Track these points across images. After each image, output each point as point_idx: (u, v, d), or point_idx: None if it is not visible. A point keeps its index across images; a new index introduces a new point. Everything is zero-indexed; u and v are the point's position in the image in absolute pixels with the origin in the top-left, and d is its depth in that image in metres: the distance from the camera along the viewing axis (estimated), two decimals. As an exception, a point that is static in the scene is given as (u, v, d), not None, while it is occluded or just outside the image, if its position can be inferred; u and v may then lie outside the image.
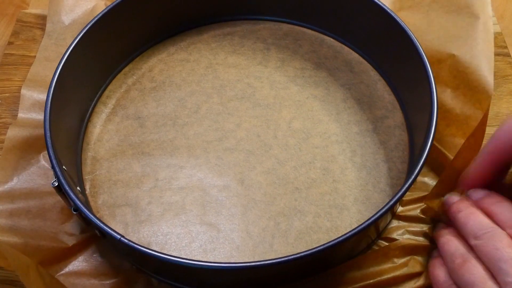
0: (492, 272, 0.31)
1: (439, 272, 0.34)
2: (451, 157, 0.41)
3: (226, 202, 0.40)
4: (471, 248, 0.33)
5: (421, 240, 0.39)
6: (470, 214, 0.33)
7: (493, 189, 0.35)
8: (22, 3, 0.55)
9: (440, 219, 0.39)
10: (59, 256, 0.38)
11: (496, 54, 0.49)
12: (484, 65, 0.41)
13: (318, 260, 0.35)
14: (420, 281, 0.37)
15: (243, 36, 0.50)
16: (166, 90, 0.46)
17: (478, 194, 0.35)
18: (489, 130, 0.44)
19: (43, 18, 0.52)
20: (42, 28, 0.51)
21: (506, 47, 0.49)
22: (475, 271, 0.31)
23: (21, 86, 0.46)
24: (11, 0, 0.55)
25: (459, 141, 0.41)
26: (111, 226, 0.34)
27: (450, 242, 0.34)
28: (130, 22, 0.46)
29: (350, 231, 0.31)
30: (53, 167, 0.35)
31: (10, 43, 0.51)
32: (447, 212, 0.36)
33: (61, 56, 0.40)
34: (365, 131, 0.43)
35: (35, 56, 0.48)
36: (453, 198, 0.36)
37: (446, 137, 0.42)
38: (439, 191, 0.39)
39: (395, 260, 0.38)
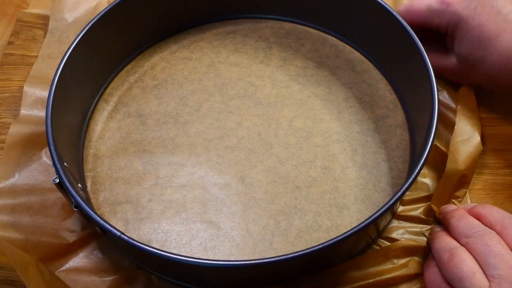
0: (482, 267, 0.32)
1: (431, 272, 0.35)
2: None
3: (227, 200, 0.40)
4: (461, 246, 0.34)
5: (421, 240, 0.39)
6: (462, 218, 0.36)
7: None
8: (22, 3, 0.55)
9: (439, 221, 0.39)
10: (59, 252, 0.38)
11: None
12: None
13: (318, 259, 0.35)
14: (420, 283, 0.37)
15: (245, 34, 0.50)
16: (168, 88, 0.47)
17: (470, 205, 0.38)
18: (489, 130, 0.45)
19: (43, 18, 0.52)
20: (42, 28, 0.52)
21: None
22: (464, 265, 0.32)
23: (21, 86, 0.46)
24: (11, 0, 0.55)
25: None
26: (111, 223, 0.34)
27: (440, 239, 0.36)
28: (132, 20, 0.46)
29: (350, 230, 0.31)
30: (54, 163, 0.35)
31: (10, 43, 0.51)
32: (443, 219, 0.38)
33: (64, 54, 0.40)
34: (366, 130, 0.43)
35: (35, 56, 0.49)
36: (449, 207, 0.38)
37: (448, 136, 0.42)
38: (443, 191, 0.39)
39: (395, 260, 0.38)
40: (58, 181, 0.34)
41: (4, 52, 0.50)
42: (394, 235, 0.39)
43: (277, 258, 0.31)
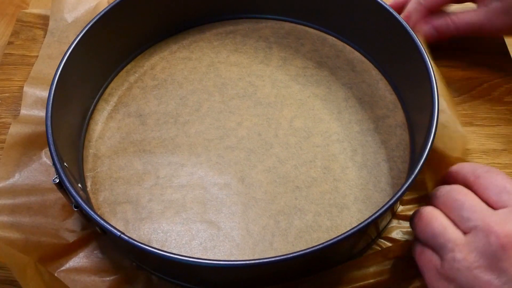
0: (456, 222, 0.31)
1: (415, 247, 0.34)
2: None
3: (227, 200, 0.40)
4: (428, 205, 0.34)
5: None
6: (439, 187, 0.35)
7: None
8: (22, 3, 0.55)
9: None
10: (59, 252, 0.38)
11: (496, 54, 0.49)
12: None
13: (318, 259, 0.35)
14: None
15: (245, 34, 0.50)
16: (168, 88, 0.47)
17: None
18: (489, 130, 0.45)
19: (43, 18, 0.52)
20: (42, 28, 0.52)
21: (506, 46, 0.49)
22: (433, 221, 0.32)
23: (21, 86, 0.46)
24: (11, 0, 0.55)
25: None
26: (111, 223, 0.34)
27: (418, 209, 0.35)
28: (132, 20, 0.46)
29: (350, 230, 0.31)
30: (54, 163, 0.35)
31: (10, 43, 0.51)
32: None
33: (64, 54, 0.40)
34: (366, 130, 0.43)
35: (35, 56, 0.49)
36: None
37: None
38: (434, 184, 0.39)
39: (395, 260, 0.38)
40: (58, 181, 0.34)
41: (4, 52, 0.50)
42: (394, 235, 0.39)
43: (277, 258, 0.31)
